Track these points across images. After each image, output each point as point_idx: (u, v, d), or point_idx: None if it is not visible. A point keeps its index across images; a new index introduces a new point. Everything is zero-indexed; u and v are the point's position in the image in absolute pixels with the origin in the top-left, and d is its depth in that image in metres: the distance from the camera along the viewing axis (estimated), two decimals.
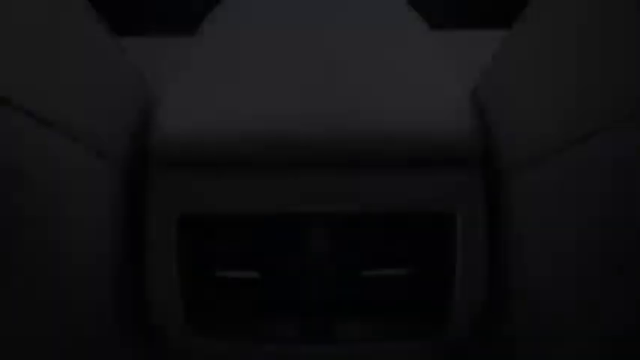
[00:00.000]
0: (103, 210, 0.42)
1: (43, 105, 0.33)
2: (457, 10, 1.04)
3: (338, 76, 0.49)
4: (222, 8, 0.68)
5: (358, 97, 0.47)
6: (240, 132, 0.44)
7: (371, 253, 0.47)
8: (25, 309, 0.33)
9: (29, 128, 0.31)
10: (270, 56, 0.53)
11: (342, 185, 0.46)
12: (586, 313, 0.34)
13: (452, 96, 0.49)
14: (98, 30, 0.42)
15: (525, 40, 0.41)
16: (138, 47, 0.53)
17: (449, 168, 0.46)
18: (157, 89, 0.53)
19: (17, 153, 0.31)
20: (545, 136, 0.37)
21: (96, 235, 0.41)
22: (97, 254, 0.42)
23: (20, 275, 0.32)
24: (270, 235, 0.46)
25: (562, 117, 0.35)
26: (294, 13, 0.62)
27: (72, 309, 0.38)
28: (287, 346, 0.47)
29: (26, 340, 0.33)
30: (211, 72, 0.51)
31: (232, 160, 0.45)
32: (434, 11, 0.69)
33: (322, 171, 0.46)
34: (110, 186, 0.43)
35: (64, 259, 0.37)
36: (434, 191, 0.46)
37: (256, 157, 0.45)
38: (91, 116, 0.39)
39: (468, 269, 0.46)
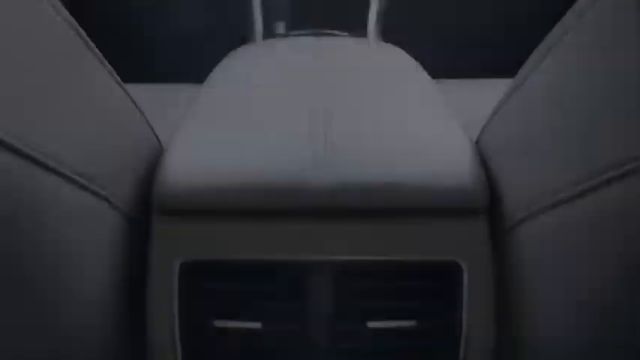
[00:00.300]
0: (106, 256, 0.42)
1: (48, 150, 0.33)
2: (458, 60, 1.07)
3: (341, 125, 0.50)
4: (230, 59, 0.70)
5: (362, 146, 0.47)
6: (243, 181, 0.45)
7: (377, 303, 0.46)
8: (24, 353, 0.33)
9: (32, 173, 0.31)
10: (274, 106, 0.54)
11: (346, 234, 0.45)
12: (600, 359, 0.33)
13: (455, 145, 0.49)
14: (105, 75, 0.43)
15: (529, 90, 0.42)
16: (145, 94, 0.54)
17: (453, 217, 0.46)
18: (164, 136, 0.53)
19: (19, 198, 0.31)
20: (550, 186, 0.37)
21: (98, 281, 0.41)
22: (99, 300, 0.41)
23: (20, 319, 0.32)
24: (272, 285, 0.46)
25: (567, 167, 0.35)
26: (299, 63, 0.63)
27: (72, 355, 0.37)
28: None
29: None
30: (217, 120, 0.52)
31: (235, 209, 0.45)
32: (435, 61, 0.71)
33: (326, 219, 0.45)
34: (114, 232, 0.43)
35: (64, 305, 0.37)
36: (439, 241, 0.45)
37: (260, 206, 0.45)
38: (97, 162, 0.40)
39: (475, 319, 0.45)
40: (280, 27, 1.02)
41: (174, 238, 0.45)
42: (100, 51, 0.41)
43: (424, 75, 0.64)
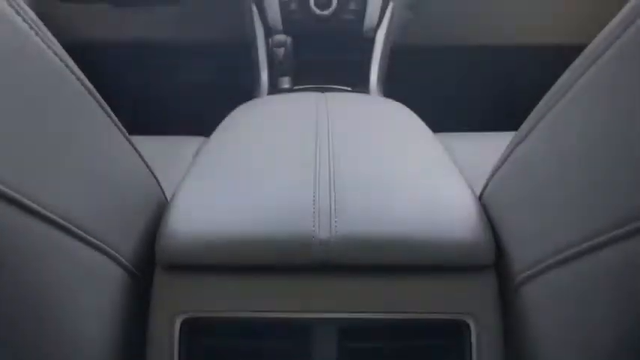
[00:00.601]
0: (107, 313, 0.41)
1: (51, 205, 0.33)
2: (459, 114, 1.08)
3: (345, 180, 0.50)
4: (237, 113, 0.71)
5: (365, 201, 0.47)
6: (247, 236, 0.44)
7: None
8: None
9: (32, 226, 0.31)
10: (279, 161, 0.54)
11: (350, 290, 0.45)
12: None
13: (459, 200, 0.49)
14: (112, 129, 0.43)
15: (531, 144, 0.42)
16: (152, 146, 0.55)
17: (459, 274, 0.45)
18: (170, 189, 0.54)
19: (22, 252, 0.31)
20: (555, 243, 0.37)
21: (97, 338, 0.40)
22: (98, 357, 0.40)
23: None
24: (276, 343, 0.45)
25: (572, 224, 0.35)
26: (303, 118, 0.64)
27: None
28: None
29: None
30: (221, 174, 0.52)
31: (239, 264, 0.45)
32: (436, 115, 0.72)
33: (329, 275, 0.45)
34: (117, 289, 0.42)
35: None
36: (445, 298, 0.45)
37: (264, 261, 0.44)
38: (101, 217, 0.40)
39: None
40: (285, 82, 1.05)
41: (176, 294, 0.45)
42: (109, 104, 0.42)
43: (425, 129, 0.65)
